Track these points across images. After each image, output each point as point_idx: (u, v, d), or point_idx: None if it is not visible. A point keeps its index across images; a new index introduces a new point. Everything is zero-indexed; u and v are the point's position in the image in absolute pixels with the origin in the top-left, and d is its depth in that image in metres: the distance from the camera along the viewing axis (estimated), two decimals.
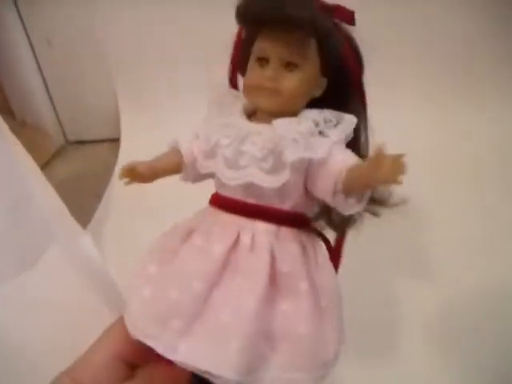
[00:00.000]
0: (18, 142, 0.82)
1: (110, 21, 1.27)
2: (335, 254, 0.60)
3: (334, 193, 0.52)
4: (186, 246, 0.54)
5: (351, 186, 0.51)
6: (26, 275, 0.69)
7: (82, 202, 1.15)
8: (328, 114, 0.54)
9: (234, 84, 0.61)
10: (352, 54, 0.55)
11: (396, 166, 0.44)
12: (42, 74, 1.39)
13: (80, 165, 1.35)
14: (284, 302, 0.52)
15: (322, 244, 0.59)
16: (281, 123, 0.53)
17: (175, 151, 0.61)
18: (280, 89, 0.53)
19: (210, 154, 0.56)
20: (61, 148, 1.46)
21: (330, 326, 0.54)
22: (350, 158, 0.52)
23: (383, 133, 0.55)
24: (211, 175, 0.59)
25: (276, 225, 0.54)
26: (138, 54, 1.30)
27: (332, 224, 0.61)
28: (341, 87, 0.56)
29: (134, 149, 1.28)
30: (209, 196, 0.59)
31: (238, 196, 0.54)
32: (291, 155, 0.51)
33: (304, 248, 0.55)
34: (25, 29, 1.32)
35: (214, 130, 0.56)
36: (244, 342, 0.49)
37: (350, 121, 0.54)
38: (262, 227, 0.53)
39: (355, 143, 0.56)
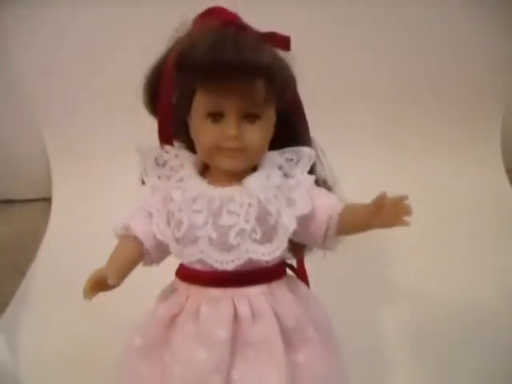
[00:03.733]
0: None
1: (39, 80, 1.21)
2: (303, 275, 0.63)
3: (325, 237, 0.53)
4: (177, 334, 0.53)
5: (347, 230, 0.52)
6: None
7: (3, 277, 1.03)
8: (288, 153, 0.54)
9: (166, 139, 0.55)
10: (294, 82, 0.54)
11: (398, 209, 0.45)
12: None
13: (5, 230, 1.24)
14: (299, 354, 0.54)
15: (293, 274, 0.61)
16: (253, 184, 0.51)
17: (130, 239, 0.54)
18: (246, 147, 0.50)
19: (188, 239, 0.51)
20: None
21: (337, 353, 0.58)
22: (331, 200, 0.53)
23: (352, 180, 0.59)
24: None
25: (267, 283, 0.54)
26: (68, 110, 1.24)
27: (292, 250, 0.61)
28: (289, 120, 0.55)
29: (66, 211, 1.22)
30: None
31: (219, 269, 0.51)
32: (290, 224, 0.50)
33: (293, 291, 0.56)
34: None
35: (178, 208, 0.51)
36: None
37: (309, 154, 0.54)
38: (255, 291, 0.53)
39: (313, 169, 0.56)
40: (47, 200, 1.29)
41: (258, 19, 0.52)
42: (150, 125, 0.56)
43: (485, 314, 0.89)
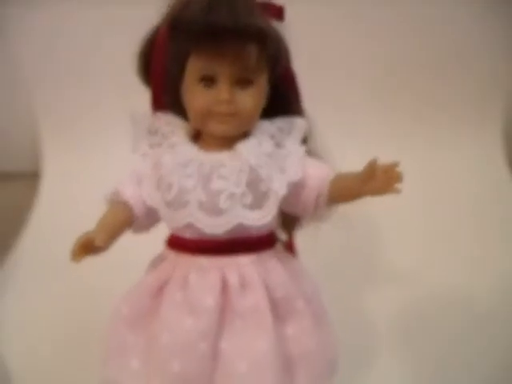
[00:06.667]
0: None
1: (30, 49, 1.19)
2: (292, 252, 0.63)
3: (316, 206, 0.53)
4: (165, 303, 0.53)
5: (338, 198, 0.52)
6: None
7: None
8: (280, 122, 0.55)
9: (159, 107, 0.56)
10: (287, 53, 0.55)
11: (390, 176, 0.46)
12: None
13: None
14: (288, 326, 0.55)
15: (283, 248, 0.61)
16: (245, 149, 0.51)
17: (120, 204, 0.55)
18: (238, 112, 0.51)
19: (178, 203, 0.52)
20: None
21: (327, 328, 0.59)
22: (322, 169, 0.53)
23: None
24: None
25: (257, 253, 0.54)
26: (59, 79, 1.21)
27: (283, 225, 0.61)
28: (281, 92, 0.55)
29: (56, 185, 1.20)
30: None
31: (208, 235, 0.52)
32: (281, 188, 0.51)
33: (283, 263, 0.56)
34: None
35: (168, 172, 0.52)
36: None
37: (301, 125, 0.54)
38: (245, 261, 0.53)
39: (305, 140, 0.56)
40: (35, 175, 1.26)
41: None
42: (142, 97, 0.57)
43: (481, 302, 0.90)
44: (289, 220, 0.60)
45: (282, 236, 0.63)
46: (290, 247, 0.63)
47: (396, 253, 1.02)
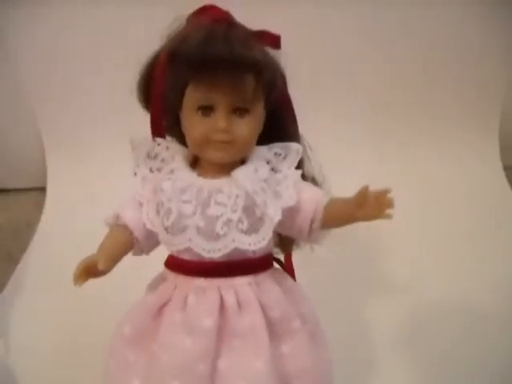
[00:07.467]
0: None
1: (35, 70, 1.21)
2: (290, 269, 0.65)
3: (311, 230, 0.55)
4: (165, 324, 0.55)
5: (332, 223, 0.54)
6: None
7: None
8: (276, 148, 0.56)
9: (158, 133, 0.58)
10: (283, 80, 0.56)
11: (381, 202, 0.47)
12: None
13: None
14: (284, 345, 0.56)
15: (280, 267, 0.63)
16: (241, 176, 0.53)
17: (120, 228, 0.56)
18: (234, 139, 0.52)
19: (177, 228, 0.54)
20: None
21: (323, 346, 0.60)
22: (316, 194, 0.55)
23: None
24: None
25: (253, 274, 0.55)
26: (64, 99, 1.24)
27: (280, 245, 0.63)
28: (278, 117, 0.57)
29: (61, 200, 1.22)
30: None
31: (207, 258, 0.54)
32: (276, 214, 0.52)
33: (279, 283, 0.58)
34: None
35: (168, 197, 0.54)
36: None
37: (296, 150, 0.56)
38: (241, 282, 0.55)
39: (301, 164, 0.57)
40: (42, 189, 1.29)
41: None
42: (144, 115, 0.59)
43: (479, 309, 0.90)
44: (285, 240, 0.61)
45: (281, 255, 0.64)
46: (287, 266, 0.64)
47: (395, 263, 1.03)
